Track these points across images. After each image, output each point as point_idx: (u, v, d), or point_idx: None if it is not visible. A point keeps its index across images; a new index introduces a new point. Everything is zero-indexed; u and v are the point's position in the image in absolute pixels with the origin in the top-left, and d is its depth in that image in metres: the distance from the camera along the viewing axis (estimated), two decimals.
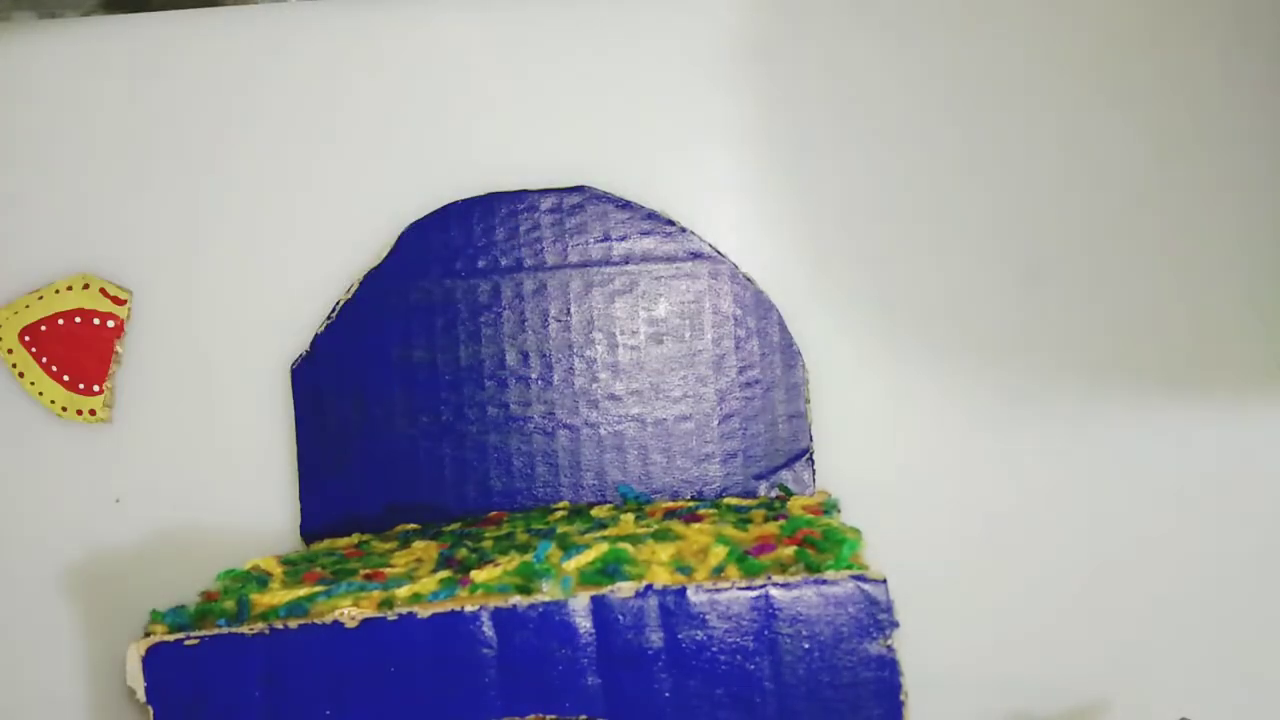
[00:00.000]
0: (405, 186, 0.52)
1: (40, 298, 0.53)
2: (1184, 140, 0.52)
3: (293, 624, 0.41)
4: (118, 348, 0.53)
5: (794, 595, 0.41)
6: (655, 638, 0.41)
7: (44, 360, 0.53)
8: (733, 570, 0.42)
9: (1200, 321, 0.52)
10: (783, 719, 0.41)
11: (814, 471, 0.51)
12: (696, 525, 0.46)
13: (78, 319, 0.53)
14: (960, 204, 0.52)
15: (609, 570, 0.42)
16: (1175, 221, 0.52)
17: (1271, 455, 0.52)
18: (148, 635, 0.42)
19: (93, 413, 0.53)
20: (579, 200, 0.52)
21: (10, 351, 0.54)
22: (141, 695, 0.41)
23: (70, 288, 0.53)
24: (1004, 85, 0.52)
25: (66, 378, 0.53)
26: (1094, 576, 0.52)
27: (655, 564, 0.42)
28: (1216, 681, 0.51)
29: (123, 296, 0.53)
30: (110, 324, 0.53)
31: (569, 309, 0.52)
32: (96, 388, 0.53)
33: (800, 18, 0.52)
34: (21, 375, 0.53)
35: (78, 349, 0.53)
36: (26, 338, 0.54)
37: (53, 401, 0.53)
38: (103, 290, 0.53)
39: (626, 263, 0.52)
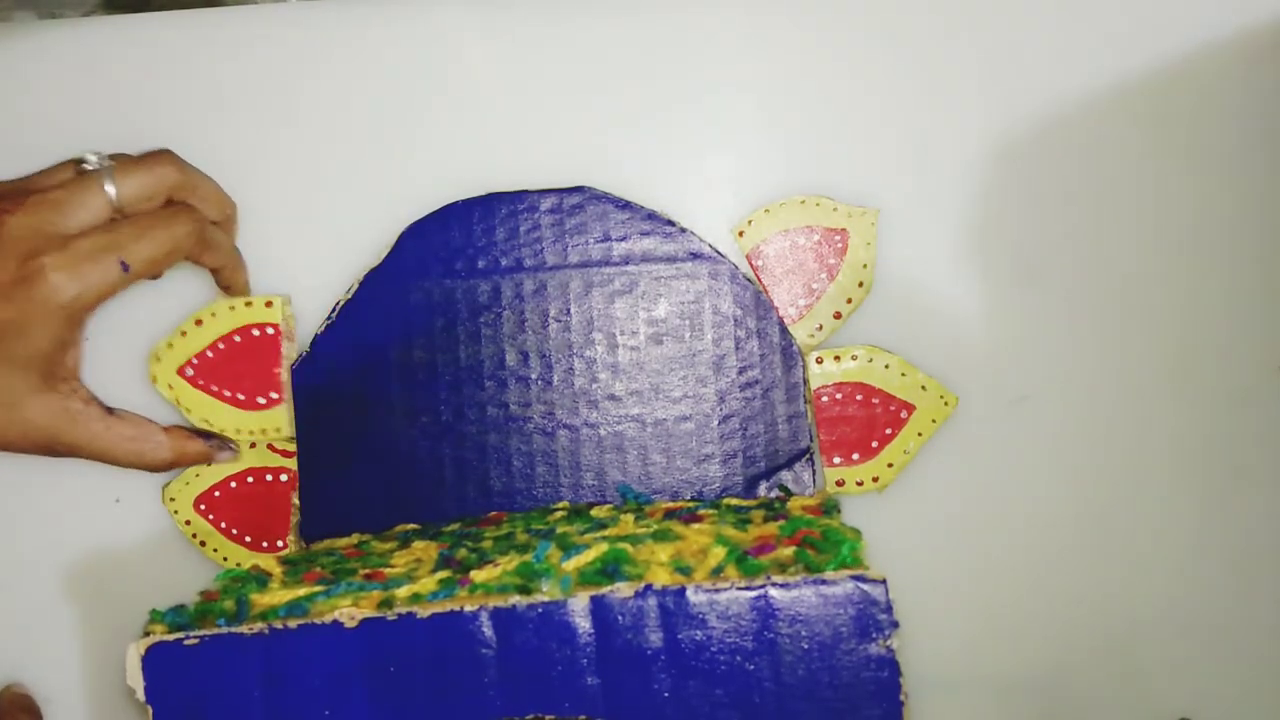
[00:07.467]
0: (405, 186, 0.52)
1: None
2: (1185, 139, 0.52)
3: (292, 624, 0.41)
4: None
5: (793, 595, 0.41)
6: (654, 638, 0.41)
7: None
8: (732, 570, 0.42)
9: (1201, 320, 0.52)
10: (782, 719, 0.41)
11: (814, 471, 0.51)
12: (696, 525, 0.46)
13: None
14: (959, 204, 0.52)
15: (608, 570, 0.42)
16: (1175, 221, 0.52)
17: (1273, 455, 0.52)
18: (148, 635, 0.42)
19: None
20: (579, 200, 0.52)
21: None
22: (141, 695, 0.41)
23: None
24: (1004, 84, 0.52)
25: None
26: (1094, 576, 0.52)
27: (655, 564, 0.42)
28: (1216, 681, 0.51)
29: None
30: None
31: (569, 309, 0.52)
32: None
33: (800, 17, 0.52)
34: None
35: None
36: None
37: None
38: None
39: (626, 263, 0.52)
